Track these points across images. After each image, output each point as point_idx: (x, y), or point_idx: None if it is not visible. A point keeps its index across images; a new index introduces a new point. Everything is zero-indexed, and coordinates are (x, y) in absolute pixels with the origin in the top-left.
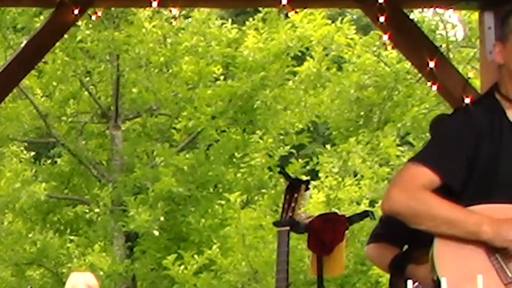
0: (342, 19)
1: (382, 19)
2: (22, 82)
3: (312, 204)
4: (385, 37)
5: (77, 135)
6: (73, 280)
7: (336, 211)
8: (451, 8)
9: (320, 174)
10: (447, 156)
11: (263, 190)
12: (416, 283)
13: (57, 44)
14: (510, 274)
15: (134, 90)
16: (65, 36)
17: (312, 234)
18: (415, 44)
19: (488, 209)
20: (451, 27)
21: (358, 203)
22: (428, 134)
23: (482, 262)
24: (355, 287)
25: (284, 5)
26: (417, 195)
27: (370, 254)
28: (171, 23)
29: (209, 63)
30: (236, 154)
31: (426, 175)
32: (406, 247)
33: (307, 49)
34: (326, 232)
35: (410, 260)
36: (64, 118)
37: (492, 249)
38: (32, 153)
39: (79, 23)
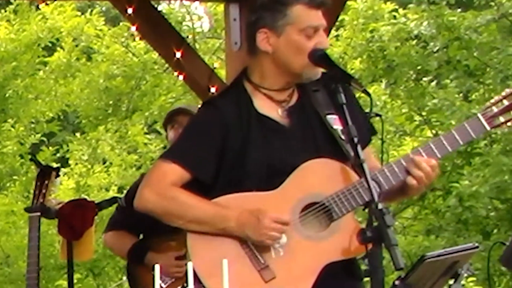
0: (92, 11)
1: (130, 10)
2: None
3: (62, 190)
4: (133, 28)
5: None
6: None
7: (86, 197)
8: (197, 0)
9: (70, 162)
10: (196, 151)
11: (15, 177)
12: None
13: None
14: (262, 261)
15: None
16: None
17: (62, 220)
18: (162, 35)
19: (234, 199)
20: (197, 18)
21: (107, 190)
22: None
23: (235, 250)
24: (104, 271)
25: None
26: (168, 194)
27: (109, 242)
28: None
29: None
30: None
31: (176, 172)
32: (142, 236)
33: (58, 40)
34: (76, 217)
35: (149, 248)
36: None
37: (244, 238)
38: None
39: None
